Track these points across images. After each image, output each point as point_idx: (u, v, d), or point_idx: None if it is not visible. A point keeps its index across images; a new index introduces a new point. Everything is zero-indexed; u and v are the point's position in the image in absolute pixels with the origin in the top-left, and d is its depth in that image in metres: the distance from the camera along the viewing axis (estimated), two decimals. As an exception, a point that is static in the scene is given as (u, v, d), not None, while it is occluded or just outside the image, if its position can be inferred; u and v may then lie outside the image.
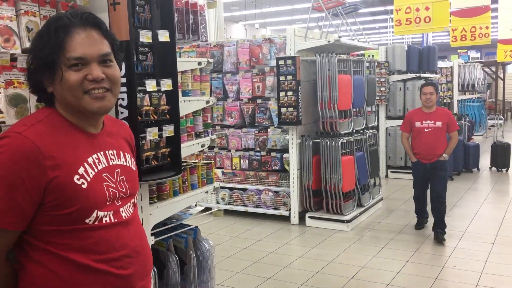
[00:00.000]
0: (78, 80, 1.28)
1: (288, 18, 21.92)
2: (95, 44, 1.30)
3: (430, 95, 5.01)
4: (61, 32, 1.27)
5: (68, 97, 1.30)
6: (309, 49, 5.73)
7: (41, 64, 1.29)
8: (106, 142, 1.41)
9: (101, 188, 1.33)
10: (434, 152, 5.01)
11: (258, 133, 6.19)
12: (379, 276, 4.19)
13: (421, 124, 5.05)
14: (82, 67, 1.28)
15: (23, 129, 1.26)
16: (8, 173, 1.21)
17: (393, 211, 6.35)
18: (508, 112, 19.06)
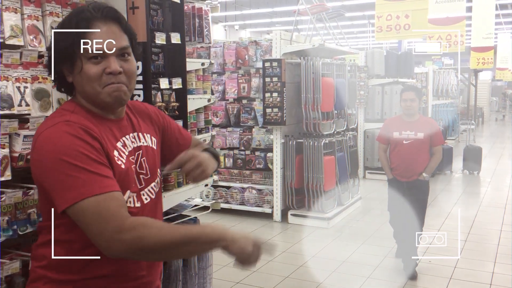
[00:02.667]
0: (97, 73, 1.31)
1: (267, 20, 22.14)
2: (114, 37, 1.33)
3: (410, 102, 4.22)
4: (83, 25, 1.30)
5: (87, 88, 1.34)
6: (294, 52, 5.94)
7: (62, 54, 1.33)
8: (127, 126, 1.45)
9: (130, 171, 1.40)
10: (412, 169, 4.23)
11: (243, 133, 6.36)
12: (358, 270, 4.42)
13: (399, 134, 4.28)
14: (101, 59, 1.31)
15: (67, 118, 1.31)
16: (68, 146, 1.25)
17: (370, 210, 6.61)
18: (480, 118, 19.72)
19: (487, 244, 5.11)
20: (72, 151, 1.24)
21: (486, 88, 21.62)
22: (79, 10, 1.36)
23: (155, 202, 1.50)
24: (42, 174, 1.28)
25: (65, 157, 1.23)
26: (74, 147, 1.24)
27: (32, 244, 2.14)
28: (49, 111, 2.02)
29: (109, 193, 1.24)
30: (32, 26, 1.87)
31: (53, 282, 1.36)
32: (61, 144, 1.25)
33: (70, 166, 1.23)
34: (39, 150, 1.29)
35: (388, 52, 8.99)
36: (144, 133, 1.50)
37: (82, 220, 1.23)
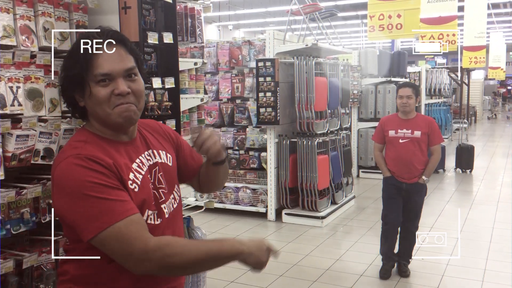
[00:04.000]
0: (106, 95, 1.36)
1: (261, 20, 22.17)
2: (120, 60, 1.38)
3: (407, 98, 4.02)
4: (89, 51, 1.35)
5: (98, 111, 1.39)
6: (287, 52, 5.96)
7: (72, 81, 1.38)
8: (141, 145, 1.50)
9: (148, 190, 1.44)
10: (410, 170, 4.04)
11: (237, 132, 6.37)
12: (352, 268, 4.45)
13: (395, 133, 4.08)
14: (108, 82, 1.36)
15: (78, 151, 1.35)
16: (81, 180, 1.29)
17: (364, 209, 6.65)
18: (472, 117, 19.84)
19: (480, 242, 5.16)
20: (86, 183, 1.28)
21: (479, 87, 21.75)
22: (84, 36, 1.40)
23: (175, 215, 1.55)
24: (62, 209, 1.33)
25: (80, 190, 1.28)
26: (87, 179, 1.29)
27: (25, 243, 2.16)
28: (41, 111, 2.03)
29: (129, 218, 1.29)
30: (25, 26, 1.87)
31: None
32: (74, 178, 1.29)
33: (87, 198, 1.27)
34: (55, 187, 1.35)
35: (381, 52, 9.04)
36: (159, 150, 1.55)
37: (108, 248, 1.29)
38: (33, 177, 2.13)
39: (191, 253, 1.33)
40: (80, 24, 2.21)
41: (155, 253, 1.28)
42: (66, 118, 2.24)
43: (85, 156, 1.32)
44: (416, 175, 4.04)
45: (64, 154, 1.36)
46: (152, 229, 1.37)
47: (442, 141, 4.17)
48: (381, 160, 4.25)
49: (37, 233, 2.22)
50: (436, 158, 4.09)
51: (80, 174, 1.29)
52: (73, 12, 2.13)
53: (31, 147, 1.97)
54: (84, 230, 1.28)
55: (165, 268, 1.31)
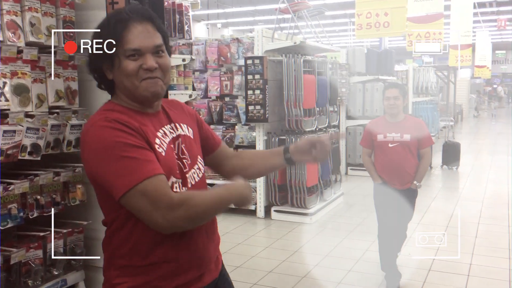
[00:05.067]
0: (134, 69, 1.43)
1: (250, 18, 22.18)
2: (149, 36, 1.45)
3: (394, 99, 3.81)
4: (120, 26, 1.42)
5: (126, 83, 1.46)
6: (276, 49, 5.98)
7: (101, 53, 1.43)
8: (164, 118, 1.56)
9: (172, 158, 1.50)
10: (402, 175, 3.83)
11: (226, 130, 6.38)
12: (341, 263, 4.48)
13: (384, 137, 3.84)
14: (138, 57, 1.43)
15: (106, 115, 1.42)
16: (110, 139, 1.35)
17: (352, 205, 6.69)
18: (459, 115, 20.04)
19: (466, 237, 5.22)
20: (114, 143, 1.35)
21: (465, 86, 21.97)
22: (116, 12, 1.49)
23: (200, 185, 1.61)
24: (92, 170, 1.40)
25: (109, 150, 1.35)
26: (115, 139, 1.35)
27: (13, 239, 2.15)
28: (28, 107, 2.02)
29: (155, 176, 1.35)
30: (11, 21, 1.87)
31: (121, 268, 1.47)
32: (102, 138, 1.36)
33: (115, 157, 1.34)
34: (85, 150, 1.41)
35: (369, 50, 9.10)
36: (180, 123, 1.61)
37: (136, 205, 1.35)
38: (21, 172, 2.13)
39: (208, 200, 1.43)
40: (67, 19, 2.20)
41: (180, 207, 1.35)
42: (54, 114, 2.24)
43: (113, 118, 1.39)
44: (408, 180, 3.83)
45: (92, 120, 1.43)
46: None
47: (432, 143, 3.98)
48: (370, 165, 4.00)
49: (25, 229, 2.21)
50: (426, 162, 3.91)
51: (108, 135, 1.36)
52: (60, 8, 2.13)
53: (18, 142, 1.97)
54: (115, 188, 1.35)
55: (190, 220, 1.40)
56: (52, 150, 2.22)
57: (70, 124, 2.26)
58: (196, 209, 1.40)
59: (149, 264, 1.45)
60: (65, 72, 2.27)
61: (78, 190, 2.36)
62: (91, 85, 2.45)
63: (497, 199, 6.94)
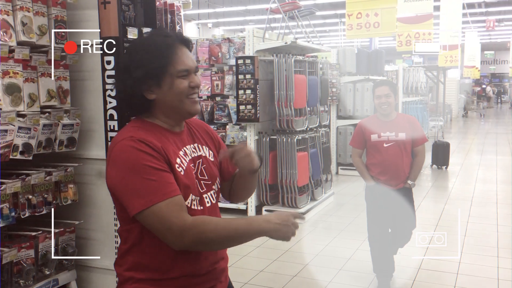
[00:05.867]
0: (186, 87, 1.55)
1: (241, 18, 22.18)
2: (191, 59, 1.59)
3: (385, 97, 3.67)
4: (171, 49, 1.53)
5: (174, 101, 1.55)
6: (267, 49, 6.00)
7: (151, 74, 1.51)
8: (188, 138, 1.65)
9: (192, 175, 1.58)
10: (398, 175, 3.72)
11: (217, 130, 6.38)
12: (332, 262, 4.51)
13: (378, 137, 3.71)
14: (186, 76, 1.55)
15: (132, 134, 1.49)
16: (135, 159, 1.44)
17: (343, 205, 6.73)
18: (448, 115, 20.21)
19: (455, 236, 5.28)
20: (137, 164, 1.44)
21: (455, 86, 22.16)
22: (162, 36, 1.56)
23: (216, 207, 1.70)
24: (113, 184, 1.48)
25: (131, 169, 1.44)
26: (139, 161, 1.44)
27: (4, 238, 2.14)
28: (20, 106, 2.02)
29: (171, 199, 1.44)
30: (3, 20, 1.86)
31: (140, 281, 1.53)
32: (127, 158, 1.45)
33: (136, 177, 1.43)
34: (111, 162, 1.49)
35: (359, 50, 9.15)
36: (202, 145, 1.70)
37: (151, 223, 1.44)
38: (12, 172, 2.12)
39: (223, 230, 1.47)
40: (58, 19, 2.20)
41: (191, 230, 1.43)
42: (45, 113, 2.24)
43: (138, 139, 1.47)
44: (403, 179, 3.73)
45: (120, 137, 1.52)
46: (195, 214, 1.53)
47: (426, 141, 3.84)
48: (362, 166, 3.85)
49: (16, 228, 2.21)
50: (421, 160, 3.79)
51: (132, 155, 1.45)
52: (51, 7, 2.13)
53: (9, 142, 1.96)
54: (130, 205, 1.44)
55: (200, 244, 1.46)
56: (44, 150, 2.22)
57: (62, 124, 2.26)
58: (207, 235, 1.45)
59: (168, 279, 1.53)
60: (57, 71, 2.27)
61: (70, 189, 2.36)
62: (82, 85, 2.45)
63: (486, 198, 7.02)
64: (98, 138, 2.39)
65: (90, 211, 2.52)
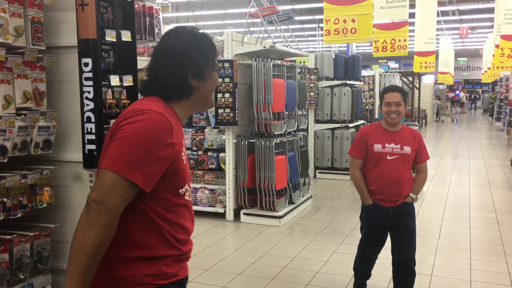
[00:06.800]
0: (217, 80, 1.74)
1: (220, 22, 22.17)
2: None
3: (396, 106, 3.31)
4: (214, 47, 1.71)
5: (209, 91, 1.72)
6: (245, 53, 6.03)
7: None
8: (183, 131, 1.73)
9: (188, 167, 1.71)
10: (399, 191, 3.40)
11: (195, 133, 6.38)
12: (309, 265, 4.55)
13: (382, 147, 3.35)
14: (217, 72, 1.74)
15: (162, 111, 1.54)
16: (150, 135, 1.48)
17: (321, 208, 6.79)
18: (423, 120, 20.57)
19: (429, 238, 5.38)
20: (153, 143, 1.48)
21: (429, 91, 22.58)
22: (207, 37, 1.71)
23: None
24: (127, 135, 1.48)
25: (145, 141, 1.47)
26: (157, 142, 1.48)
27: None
28: (-5, 108, 1.99)
29: (132, 183, 1.46)
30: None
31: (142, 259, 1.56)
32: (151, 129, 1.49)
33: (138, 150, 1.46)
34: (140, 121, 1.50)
35: (337, 55, 9.26)
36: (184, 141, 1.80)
37: (100, 180, 1.47)
38: (-14, 175, 2.08)
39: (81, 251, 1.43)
40: (35, 20, 2.18)
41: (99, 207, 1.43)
42: (21, 115, 2.21)
43: (170, 121, 1.52)
44: (404, 195, 3.43)
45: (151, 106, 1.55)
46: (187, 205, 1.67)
47: (429, 158, 3.56)
48: (362, 183, 3.47)
49: (-10, 232, 2.17)
50: (424, 176, 3.50)
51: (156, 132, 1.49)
52: (28, 8, 2.11)
53: (-16, 144, 1.93)
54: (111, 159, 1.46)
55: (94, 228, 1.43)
56: (19, 152, 2.19)
57: (38, 126, 2.24)
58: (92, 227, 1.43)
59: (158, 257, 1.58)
60: (33, 73, 2.24)
61: (45, 192, 2.33)
62: (59, 87, 2.43)
63: (459, 202, 7.17)
64: (75, 141, 2.37)
65: (66, 215, 2.49)
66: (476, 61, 35.63)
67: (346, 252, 4.91)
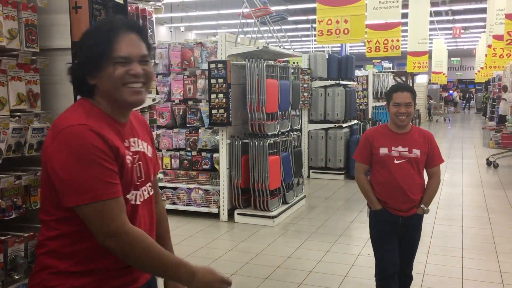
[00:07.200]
0: (121, 73, 1.49)
1: (213, 22, 22.20)
2: (137, 46, 1.53)
3: (405, 107, 3.05)
4: (112, 34, 1.50)
5: (111, 89, 1.51)
6: (239, 54, 6.05)
7: (91, 60, 1.49)
8: (130, 131, 1.62)
9: (133, 169, 1.57)
10: (408, 199, 3.13)
11: (189, 134, 6.40)
12: (302, 264, 4.58)
13: (388, 151, 3.11)
14: (126, 64, 1.50)
15: (83, 121, 1.45)
16: (87, 151, 1.40)
17: (314, 208, 6.83)
18: (417, 119, 20.67)
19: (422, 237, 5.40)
20: (89, 158, 1.41)
21: (423, 91, 22.70)
22: (107, 22, 1.56)
23: (150, 201, 1.68)
24: (56, 170, 1.42)
25: (81, 161, 1.40)
26: (90, 156, 1.41)
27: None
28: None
29: (114, 199, 1.43)
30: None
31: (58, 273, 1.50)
32: (78, 147, 1.41)
33: (85, 171, 1.40)
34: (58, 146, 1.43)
35: (330, 56, 9.30)
36: (142, 140, 1.67)
37: (88, 218, 1.43)
38: (-20, 176, 2.10)
39: (150, 257, 1.47)
40: (29, 23, 2.20)
41: (125, 236, 1.43)
42: (15, 117, 2.22)
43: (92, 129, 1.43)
44: (414, 205, 3.16)
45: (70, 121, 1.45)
46: (132, 208, 1.55)
47: (442, 161, 3.27)
48: (368, 187, 3.22)
49: (-15, 233, 2.18)
50: (436, 182, 3.24)
51: (84, 147, 1.41)
52: (22, 11, 2.12)
53: (-22, 146, 1.94)
54: (72, 196, 1.41)
55: (123, 253, 1.45)
56: (13, 154, 2.20)
57: (32, 128, 2.25)
58: (135, 251, 1.45)
59: (89, 271, 1.51)
60: (27, 75, 2.25)
61: (39, 193, 2.34)
62: (53, 89, 2.45)
63: (451, 201, 7.23)
64: (69, 142, 2.38)
65: (61, 215, 2.49)
66: (469, 61, 35.87)
67: (339, 252, 4.95)
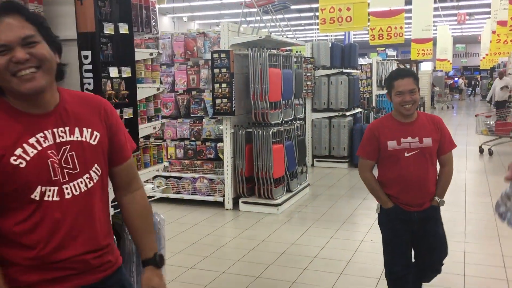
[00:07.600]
0: (3, 64, 1.36)
1: (216, 12, 22.14)
2: (15, 29, 1.37)
3: (410, 94, 2.76)
4: None
5: (3, 83, 1.40)
6: (242, 43, 6.07)
7: None
8: (54, 121, 1.48)
9: (44, 165, 1.43)
10: (422, 194, 2.87)
11: (193, 124, 6.45)
12: (306, 250, 4.65)
13: (397, 144, 2.81)
14: (6, 52, 1.36)
15: None
16: None
17: (318, 196, 6.89)
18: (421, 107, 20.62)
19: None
20: None
21: (427, 79, 22.61)
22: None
23: (85, 198, 1.52)
24: None
25: None
26: None
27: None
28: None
29: None
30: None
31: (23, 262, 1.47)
32: None
33: None
34: None
35: (333, 44, 9.30)
36: (82, 128, 1.52)
37: None
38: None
39: None
40: (35, 14, 2.24)
41: None
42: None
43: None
44: (430, 198, 2.91)
45: None
46: (50, 206, 1.44)
47: (455, 146, 3.01)
48: (375, 184, 2.94)
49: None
50: (450, 170, 2.95)
51: None
52: (28, 3, 2.17)
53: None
54: None
55: None
56: None
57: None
58: None
59: None
60: (33, 66, 2.31)
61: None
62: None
63: (455, 187, 7.26)
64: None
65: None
66: (475, 48, 35.59)
67: (343, 238, 5.01)
